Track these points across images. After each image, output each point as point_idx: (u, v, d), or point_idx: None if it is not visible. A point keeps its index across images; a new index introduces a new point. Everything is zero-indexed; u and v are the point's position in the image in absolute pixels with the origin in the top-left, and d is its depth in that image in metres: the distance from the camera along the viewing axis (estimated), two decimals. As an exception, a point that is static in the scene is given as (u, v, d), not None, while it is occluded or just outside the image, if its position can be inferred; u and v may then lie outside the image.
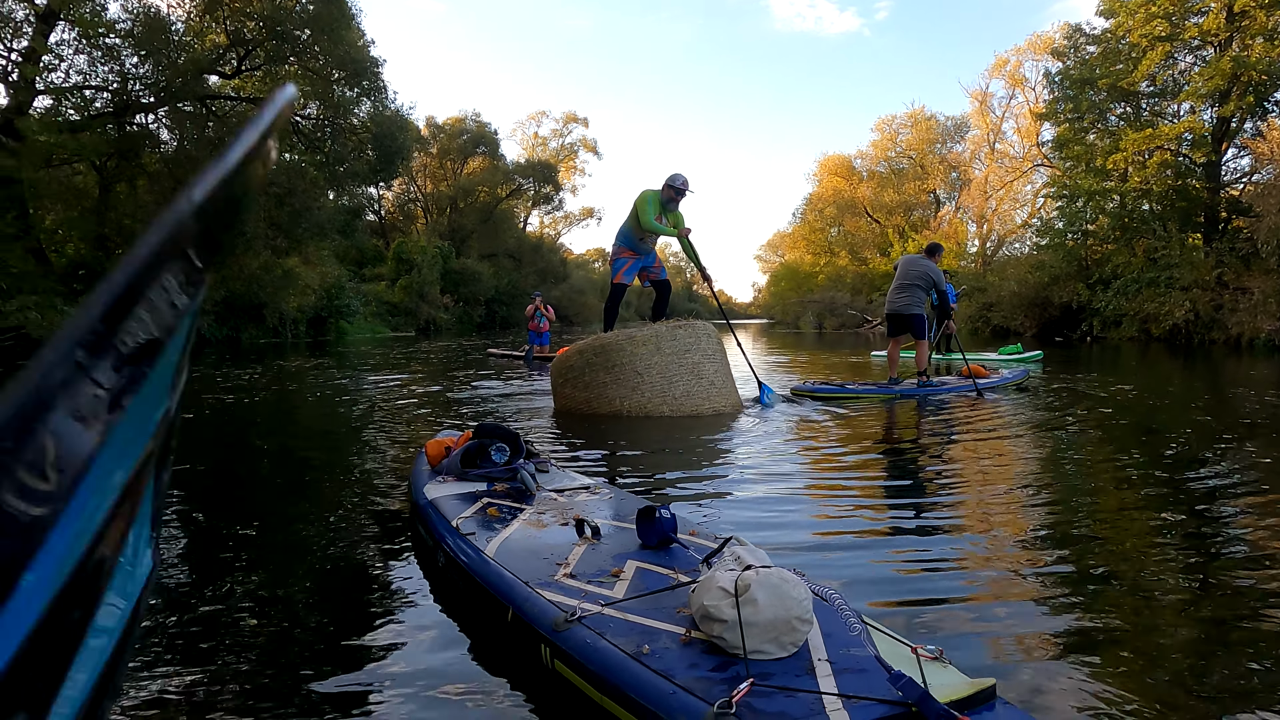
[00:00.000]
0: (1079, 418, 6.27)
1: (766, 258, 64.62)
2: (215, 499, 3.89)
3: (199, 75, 21.26)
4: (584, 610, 1.75)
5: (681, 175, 6.77)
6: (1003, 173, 39.57)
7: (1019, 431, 5.61)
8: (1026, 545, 2.91)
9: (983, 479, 4.10)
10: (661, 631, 1.65)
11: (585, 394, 6.47)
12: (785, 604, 1.53)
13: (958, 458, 4.77)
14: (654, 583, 1.98)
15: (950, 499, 3.69)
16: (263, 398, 8.20)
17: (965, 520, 3.26)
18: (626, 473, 4.27)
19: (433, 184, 53.66)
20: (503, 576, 2.07)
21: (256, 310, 24.16)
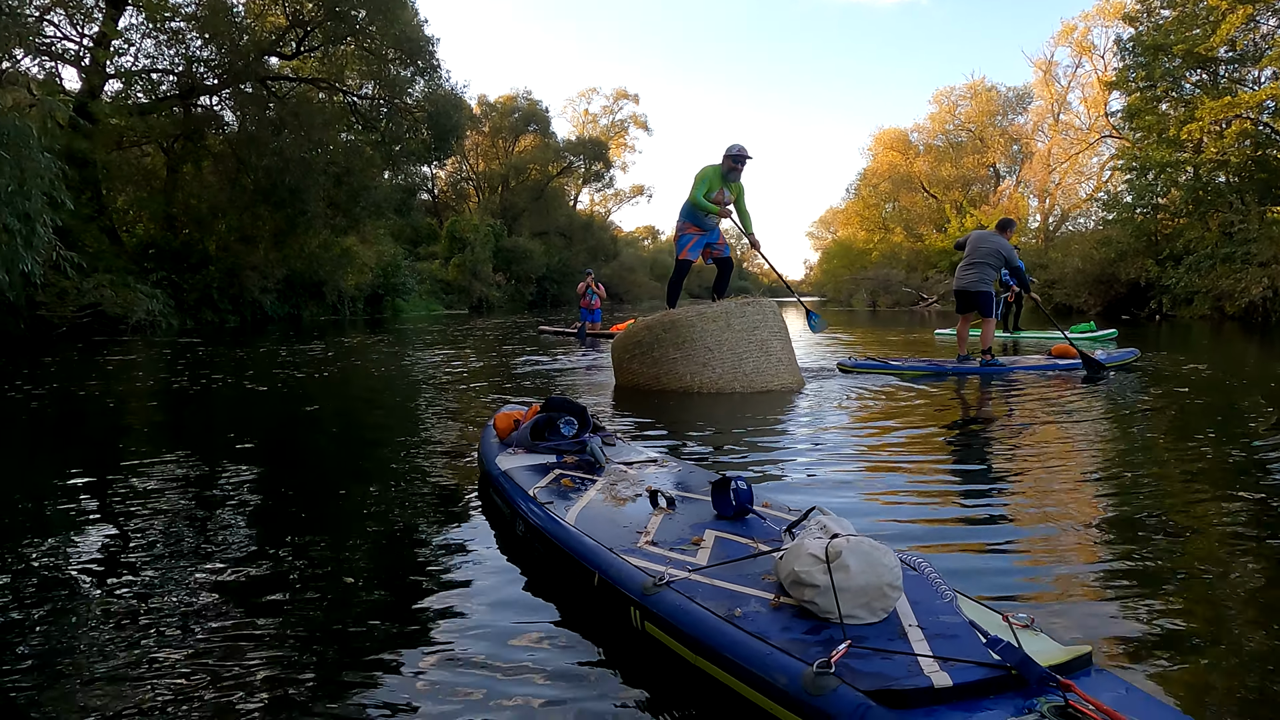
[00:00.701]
0: (1152, 397, 6.10)
1: (818, 235, 63.70)
2: (287, 470, 4.03)
3: (260, 57, 21.71)
4: (671, 575, 1.80)
5: (738, 144, 6.68)
6: (1067, 145, 38.25)
7: (1088, 411, 5.49)
8: (1103, 522, 2.86)
9: (1053, 456, 4.03)
10: (750, 596, 1.69)
11: (654, 370, 6.47)
12: (877, 570, 1.55)
13: (1025, 436, 4.69)
14: (735, 551, 2.02)
15: (1020, 477, 3.64)
16: (330, 372, 8.42)
17: (1038, 496, 3.22)
18: (689, 447, 4.30)
19: (485, 162, 54.04)
20: (585, 543, 2.12)
21: (316, 288, 24.74)
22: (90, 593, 2.25)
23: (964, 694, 1.29)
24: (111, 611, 2.10)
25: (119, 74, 20.68)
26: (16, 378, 7.71)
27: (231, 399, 6.46)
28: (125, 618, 2.05)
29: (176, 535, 2.79)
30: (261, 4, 22.31)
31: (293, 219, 21.45)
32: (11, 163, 10.43)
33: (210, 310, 20.46)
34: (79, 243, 16.87)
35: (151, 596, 2.20)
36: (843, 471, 3.67)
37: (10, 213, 10.48)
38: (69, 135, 17.11)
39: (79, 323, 15.45)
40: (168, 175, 22.01)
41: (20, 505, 3.22)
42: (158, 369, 8.81)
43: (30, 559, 2.52)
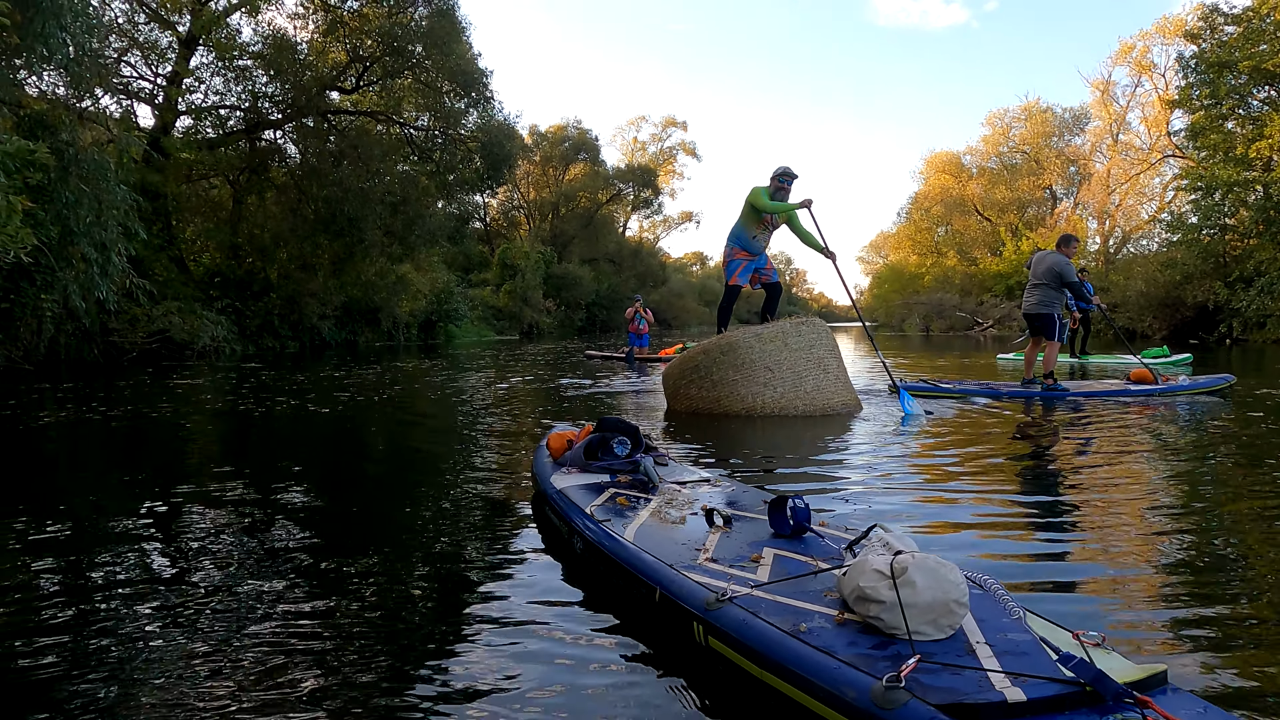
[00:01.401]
0: (1227, 423, 5.89)
1: (869, 259, 63.15)
2: (346, 489, 4.12)
3: (321, 92, 22.47)
4: (734, 591, 1.80)
5: (785, 165, 6.79)
6: (1127, 165, 37.35)
7: (1157, 437, 5.32)
8: (1172, 548, 2.77)
9: (1118, 482, 3.92)
10: (814, 612, 1.68)
11: (714, 393, 6.47)
12: (943, 587, 1.54)
13: (1087, 462, 4.57)
14: (795, 568, 2.01)
15: (1084, 501, 3.55)
16: (387, 396, 8.61)
17: (1104, 520, 3.14)
18: (745, 468, 4.29)
19: (536, 191, 54.92)
20: (646, 560, 2.14)
21: (372, 314, 25.35)
22: (151, 605, 2.32)
23: (1038, 709, 1.27)
24: (172, 623, 2.17)
25: (190, 110, 21.63)
26: (93, 400, 8.04)
27: (294, 421, 6.64)
28: (185, 628, 2.13)
29: (238, 550, 2.88)
30: (323, 41, 23.12)
31: (351, 247, 22.04)
32: (90, 196, 10.98)
33: (271, 336, 21.09)
34: (150, 271, 17.61)
35: (211, 607, 2.28)
36: (901, 493, 3.63)
37: (88, 243, 11.01)
38: (142, 169, 17.91)
39: (148, 348, 16.06)
40: (233, 206, 22.86)
41: (97, 520, 3.36)
42: (223, 393, 9.10)
43: (103, 569, 2.63)
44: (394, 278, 24.98)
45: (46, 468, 4.72)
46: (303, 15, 23.05)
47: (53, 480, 4.32)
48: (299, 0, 22.59)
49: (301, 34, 22.91)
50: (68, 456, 5.12)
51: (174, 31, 20.87)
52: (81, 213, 10.76)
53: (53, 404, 7.79)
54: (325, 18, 22.63)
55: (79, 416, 6.82)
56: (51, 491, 3.97)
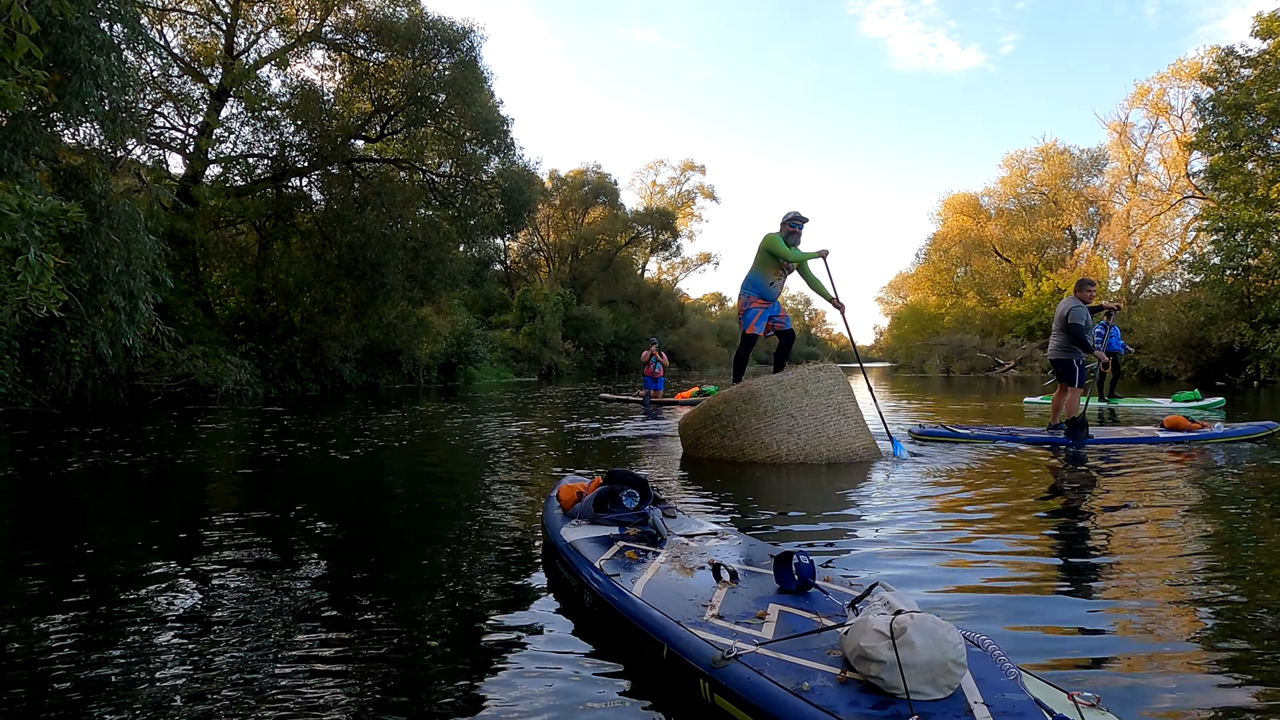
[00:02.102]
0: (1265, 474, 5.81)
1: (888, 299, 63.01)
2: (362, 538, 4.17)
3: (347, 140, 23.07)
4: (739, 649, 1.83)
5: (794, 210, 6.89)
6: (1147, 206, 37.29)
7: (1188, 488, 5.24)
8: (1178, 604, 2.76)
9: (1131, 532, 3.88)
10: (817, 671, 1.71)
11: (737, 441, 6.50)
12: (941, 647, 1.56)
13: (1110, 514, 4.53)
14: (799, 625, 2.04)
15: (1099, 557, 3.53)
16: (406, 441, 8.69)
17: (1109, 573, 3.13)
18: (758, 518, 4.31)
19: (555, 234, 55.63)
20: (653, 615, 2.17)
21: (393, 357, 25.63)
22: (172, 645, 2.39)
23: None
24: (191, 664, 2.23)
25: (219, 159, 22.26)
26: (119, 445, 8.19)
27: (315, 468, 6.72)
28: (204, 669, 2.18)
29: (257, 597, 2.93)
30: (349, 92, 23.78)
31: (373, 291, 22.38)
32: (121, 245, 11.28)
33: (293, 379, 21.37)
34: (176, 316, 17.97)
35: (230, 653, 2.33)
36: (912, 547, 3.62)
37: (117, 291, 11.29)
38: (171, 217, 18.39)
39: (172, 392, 16.32)
40: (259, 251, 23.34)
41: (121, 564, 3.42)
42: (246, 438, 9.23)
43: (127, 611, 2.70)
44: (415, 320, 25.30)
45: (75, 513, 4.81)
46: (330, 67, 23.80)
47: (80, 526, 4.41)
48: (327, 53, 23.31)
49: (328, 85, 23.63)
50: (95, 502, 5.21)
51: (206, 84, 21.59)
52: (111, 262, 11.05)
53: (80, 449, 7.94)
54: (351, 69, 23.30)
55: (106, 462, 6.94)
56: (79, 536, 4.05)
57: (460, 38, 22.75)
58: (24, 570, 3.37)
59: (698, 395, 15.22)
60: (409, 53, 22.65)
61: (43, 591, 3.04)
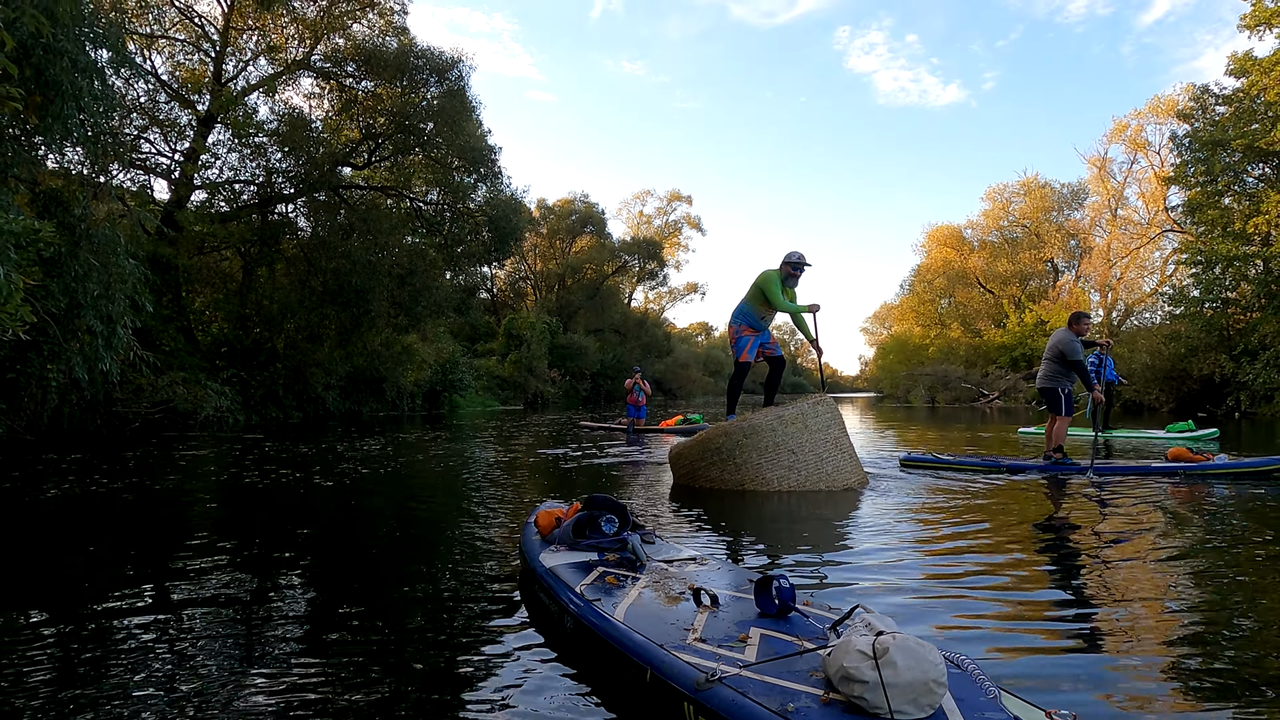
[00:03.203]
0: (1248, 503, 5.83)
1: (873, 330, 63.53)
2: (343, 565, 4.10)
3: (334, 167, 23.11)
4: (723, 671, 1.81)
5: (798, 252, 6.89)
6: (1127, 239, 37.93)
7: (1172, 516, 5.24)
8: (1161, 629, 2.75)
9: (1114, 560, 3.88)
10: (800, 692, 1.70)
11: (737, 475, 6.46)
12: (923, 667, 1.56)
13: (1097, 540, 4.52)
14: (781, 648, 2.03)
15: (1076, 579, 3.53)
16: (389, 469, 8.59)
17: (1093, 601, 3.12)
18: (736, 544, 4.29)
19: (542, 262, 55.83)
20: (636, 639, 2.15)
21: (377, 384, 25.47)
22: (149, 674, 2.33)
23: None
24: (169, 693, 2.18)
25: (205, 185, 22.22)
26: (98, 472, 8.05)
27: (297, 495, 6.63)
28: (182, 698, 2.13)
29: (237, 625, 2.89)
30: (338, 120, 23.89)
31: (358, 318, 22.31)
32: (100, 270, 11.17)
33: (275, 406, 21.17)
34: (158, 341, 17.81)
35: (205, 678, 2.28)
36: (894, 569, 3.61)
37: (94, 315, 11.16)
38: (155, 242, 18.30)
39: (151, 418, 16.11)
40: (243, 277, 23.23)
41: (100, 590, 3.34)
42: (227, 465, 9.10)
43: (104, 642, 2.64)
44: (399, 348, 25.21)
45: (53, 540, 4.70)
46: (318, 94, 23.95)
47: (58, 553, 4.31)
48: (315, 80, 23.44)
49: (316, 112, 23.77)
50: (74, 529, 5.10)
51: (193, 110, 21.61)
52: (90, 286, 10.94)
53: (58, 476, 7.80)
54: (340, 97, 23.44)
55: (85, 489, 6.82)
56: (56, 564, 3.97)
57: (449, 67, 22.96)
58: (7, 592, 3.28)
59: (682, 423, 15.29)
60: (398, 81, 22.82)
61: (19, 619, 2.97)
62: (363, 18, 22.86)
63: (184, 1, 21.33)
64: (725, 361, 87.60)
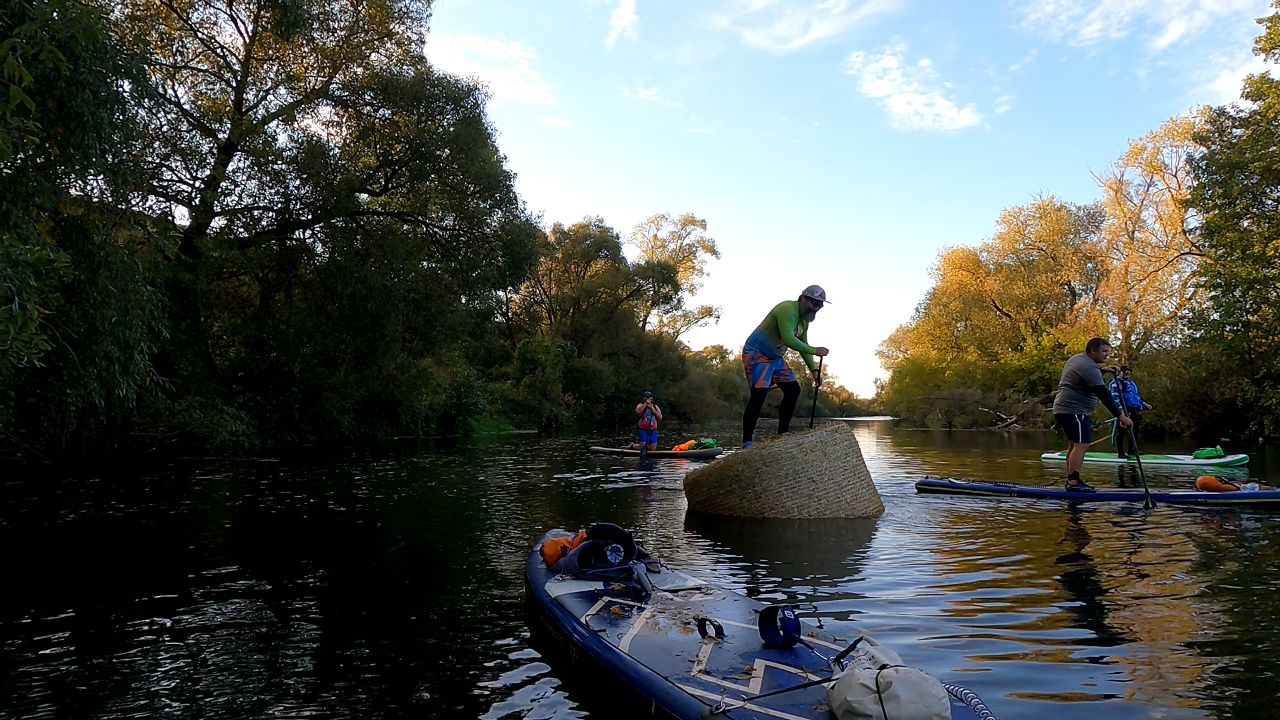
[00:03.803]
0: (1258, 529, 5.72)
1: (889, 353, 63.24)
2: (353, 593, 4.10)
3: (351, 193, 23.37)
4: (727, 704, 1.80)
5: (819, 287, 6.89)
6: (1145, 262, 37.66)
7: (1195, 545, 5.15)
8: (1184, 668, 2.69)
9: (1138, 592, 3.81)
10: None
11: (756, 503, 6.40)
12: (926, 701, 1.54)
13: (1111, 570, 4.45)
14: (785, 680, 2.01)
15: (1088, 611, 3.47)
16: (403, 494, 8.60)
17: (1102, 633, 3.06)
18: (745, 573, 4.26)
19: (557, 286, 56.08)
20: (641, 671, 2.14)
21: (392, 408, 25.55)
22: (161, 694, 2.33)
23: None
24: (182, 713, 2.15)
25: (224, 211, 22.52)
26: (113, 498, 8.10)
27: (311, 520, 6.65)
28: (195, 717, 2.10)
29: (244, 649, 2.90)
30: (355, 146, 24.20)
31: (373, 343, 22.43)
32: (118, 296, 11.30)
33: (291, 430, 21.26)
34: (176, 366, 17.94)
35: (216, 700, 2.28)
36: (900, 599, 3.56)
37: (111, 341, 11.27)
38: (174, 268, 18.52)
39: (167, 442, 16.22)
40: (260, 302, 23.45)
41: (119, 611, 3.35)
42: (243, 490, 9.14)
43: (121, 662, 2.65)
44: (414, 372, 25.29)
45: (71, 566, 4.72)
46: (336, 123, 24.26)
47: (77, 579, 4.33)
48: (334, 109, 23.78)
49: (334, 140, 24.05)
50: (91, 555, 5.12)
51: (214, 138, 21.97)
52: (107, 312, 11.06)
53: (75, 501, 7.86)
54: (358, 125, 23.74)
55: (102, 515, 6.87)
56: (74, 590, 3.98)
57: (464, 95, 23.23)
58: (25, 617, 3.30)
59: (695, 448, 15.23)
60: (414, 109, 23.09)
61: (37, 642, 3.00)
62: (381, 47, 23.23)
63: (206, 33, 21.77)
64: (740, 385, 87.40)
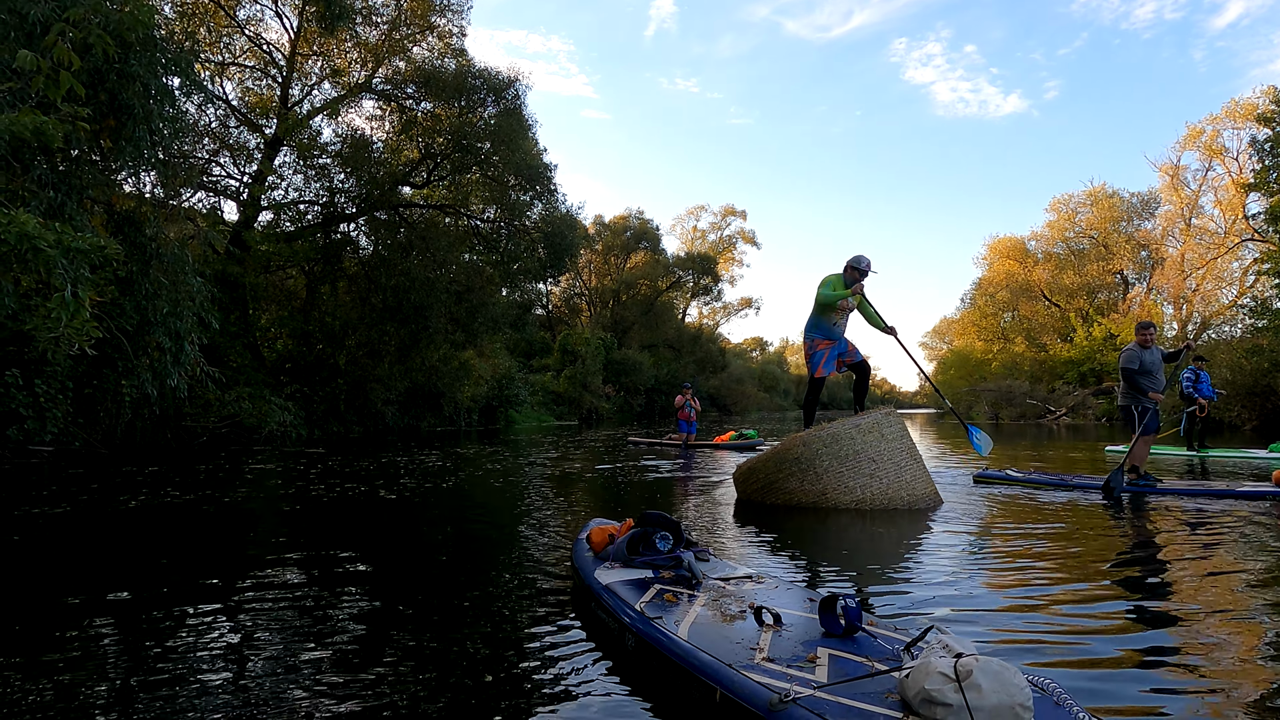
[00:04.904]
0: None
1: (932, 345, 62.12)
2: (404, 576, 4.12)
3: (394, 186, 23.65)
4: (797, 692, 1.75)
5: (865, 257, 6.75)
6: (1202, 249, 36.39)
7: (1249, 539, 4.95)
8: (1246, 653, 2.54)
9: (1199, 586, 3.64)
10: (877, 714, 1.63)
11: (818, 485, 6.25)
12: (1009, 690, 1.48)
13: (1181, 566, 4.27)
14: (851, 669, 1.96)
15: (1158, 605, 3.32)
16: (450, 483, 8.67)
17: (1176, 625, 2.91)
18: (796, 562, 4.19)
19: (597, 278, 56.19)
20: (703, 659, 2.09)
21: (435, 400, 25.83)
22: (214, 670, 2.36)
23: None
24: (232, 688, 2.20)
25: (271, 206, 22.95)
26: (171, 485, 8.29)
27: (362, 507, 6.72)
28: (244, 694, 2.15)
29: (296, 632, 2.92)
30: (398, 140, 24.46)
31: (416, 334, 22.68)
32: (169, 288, 11.56)
33: (337, 421, 21.61)
34: (225, 358, 18.34)
35: (266, 678, 2.31)
36: (961, 589, 3.47)
37: (163, 332, 11.54)
38: (224, 261, 18.94)
39: (218, 433, 16.58)
40: (307, 295, 23.87)
41: (178, 595, 3.42)
42: (293, 478, 9.28)
43: (182, 638, 2.70)
44: (457, 364, 25.53)
45: (137, 549, 4.83)
46: (379, 116, 24.53)
47: (142, 560, 4.43)
48: (376, 103, 24.05)
49: (377, 133, 24.33)
50: (156, 538, 5.24)
51: (261, 134, 22.38)
52: (159, 304, 11.32)
53: (134, 488, 8.06)
54: (400, 119, 23.99)
55: (163, 501, 7.04)
56: (138, 571, 4.08)
57: (505, 87, 23.32)
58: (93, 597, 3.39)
59: (736, 438, 15.21)
60: (456, 102, 23.24)
61: (99, 620, 3.07)
62: (422, 40, 23.41)
63: (253, 30, 22.16)
64: (780, 378, 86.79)
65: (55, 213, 8.99)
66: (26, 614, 3.22)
